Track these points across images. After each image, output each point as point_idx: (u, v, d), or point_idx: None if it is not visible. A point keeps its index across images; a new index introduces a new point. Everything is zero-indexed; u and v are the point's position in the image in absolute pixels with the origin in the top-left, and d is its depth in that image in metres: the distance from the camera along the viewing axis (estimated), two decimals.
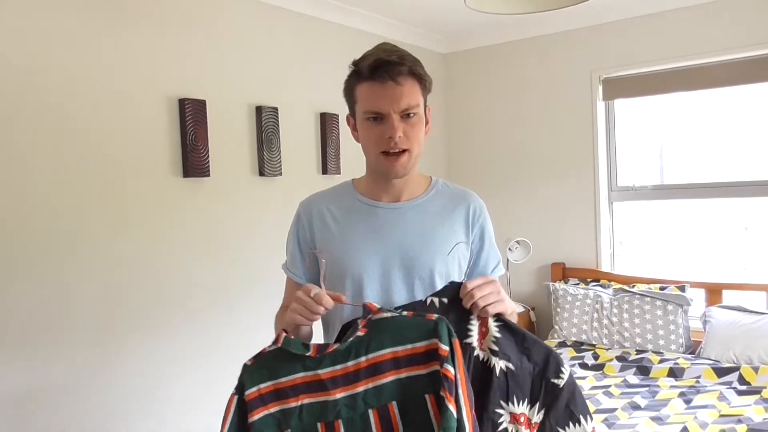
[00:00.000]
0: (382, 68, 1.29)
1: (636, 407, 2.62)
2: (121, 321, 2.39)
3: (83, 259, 2.28)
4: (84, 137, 2.28)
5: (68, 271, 2.23)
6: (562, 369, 1.23)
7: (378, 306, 1.22)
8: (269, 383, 1.24)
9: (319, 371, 1.21)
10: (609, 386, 2.87)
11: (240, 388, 1.24)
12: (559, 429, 1.22)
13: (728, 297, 3.33)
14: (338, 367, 1.20)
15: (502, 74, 4.06)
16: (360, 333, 1.20)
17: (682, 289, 3.35)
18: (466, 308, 1.24)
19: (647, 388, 2.82)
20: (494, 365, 1.21)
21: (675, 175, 3.70)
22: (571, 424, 1.22)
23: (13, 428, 2.08)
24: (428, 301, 1.26)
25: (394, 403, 1.18)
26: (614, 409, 2.60)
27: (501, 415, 1.19)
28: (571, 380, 1.24)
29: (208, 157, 2.65)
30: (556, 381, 1.22)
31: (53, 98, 2.19)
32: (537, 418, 1.22)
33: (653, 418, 2.49)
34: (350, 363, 1.20)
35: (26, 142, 2.12)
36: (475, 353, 1.23)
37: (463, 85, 4.23)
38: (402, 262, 1.36)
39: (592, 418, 1.24)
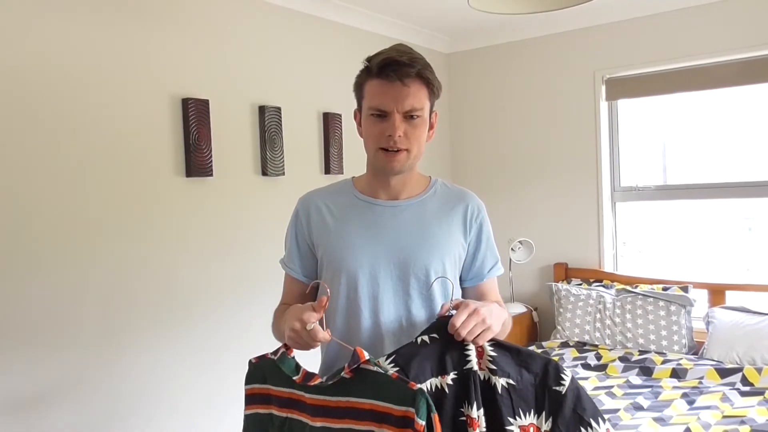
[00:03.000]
0: (390, 67, 1.31)
1: (639, 408, 2.62)
2: (123, 321, 2.39)
3: (85, 259, 2.28)
4: (87, 137, 2.28)
5: (70, 270, 2.24)
6: (563, 375, 1.24)
7: (367, 356, 1.19)
8: (265, 386, 1.32)
9: (306, 394, 1.25)
10: (612, 387, 2.87)
11: (246, 381, 1.35)
12: None
13: (731, 298, 3.33)
14: (321, 397, 1.23)
15: (505, 74, 4.06)
16: (346, 375, 1.21)
17: (685, 289, 3.34)
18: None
19: (650, 389, 2.81)
20: (495, 383, 1.22)
21: (678, 175, 3.69)
22: (581, 429, 1.21)
23: (16, 427, 2.08)
24: (419, 341, 1.24)
25: None
26: (617, 410, 2.60)
27: None
28: (574, 385, 1.24)
29: (210, 156, 2.65)
30: (557, 388, 1.23)
31: (56, 97, 2.19)
32: (546, 426, 1.22)
33: (656, 419, 2.48)
34: (333, 398, 1.21)
35: (29, 141, 2.12)
36: (480, 377, 1.23)
37: (466, 85, 4.22)
38: (398, 260, 1.37)
39: (604, 420, 1.23)
